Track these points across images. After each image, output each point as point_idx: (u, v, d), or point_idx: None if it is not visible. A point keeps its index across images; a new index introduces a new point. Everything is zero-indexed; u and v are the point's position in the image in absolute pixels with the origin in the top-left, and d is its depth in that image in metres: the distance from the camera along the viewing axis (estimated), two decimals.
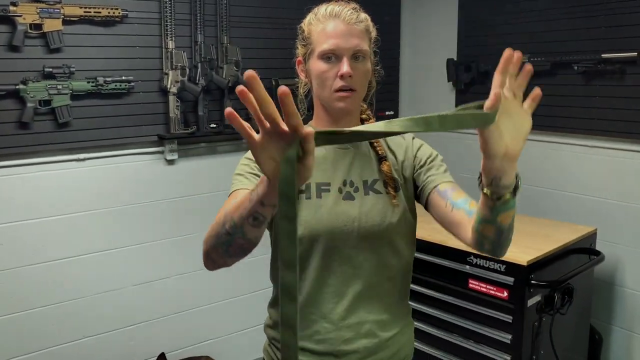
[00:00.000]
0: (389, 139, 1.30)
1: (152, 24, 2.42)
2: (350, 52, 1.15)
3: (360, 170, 1.24)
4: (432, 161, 1.26)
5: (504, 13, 2.82)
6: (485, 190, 0.94)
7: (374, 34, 1.24)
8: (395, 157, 1.27)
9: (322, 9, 1.20)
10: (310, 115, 1.30)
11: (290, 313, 0.69)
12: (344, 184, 1.22)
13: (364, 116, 1.30)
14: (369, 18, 1.22)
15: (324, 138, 0.73)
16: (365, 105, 1.31)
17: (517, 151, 0.90)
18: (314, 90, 1.23)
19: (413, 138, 1.31)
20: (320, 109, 1.25)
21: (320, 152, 1.24)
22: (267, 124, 0.70)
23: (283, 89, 0.66)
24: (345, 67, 1.14)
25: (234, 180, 1.20)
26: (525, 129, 0.91)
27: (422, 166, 1.26)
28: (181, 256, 2.67)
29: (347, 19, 1.16)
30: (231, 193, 1.16)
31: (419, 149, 1.29)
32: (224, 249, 0.96)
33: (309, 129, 0.70)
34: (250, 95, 0.67)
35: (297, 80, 1.31)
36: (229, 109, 0.71)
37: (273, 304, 1.35)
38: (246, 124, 0.71)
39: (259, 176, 1.16)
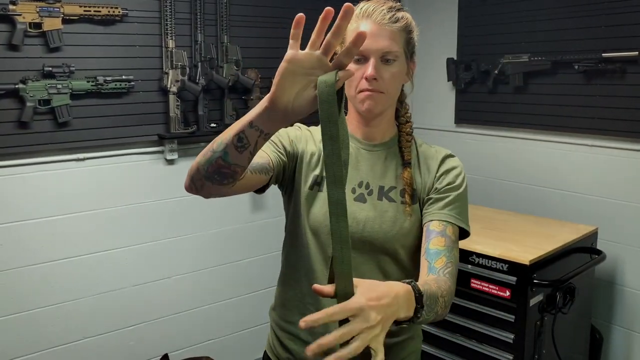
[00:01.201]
0: (421, 147, 1.27)
1: (152, 23, 2.41)
2: (379, 53, 1.12)
3: (380, 175, 1.22)
4: (448, 190, 1.19)
5: (504, 12, 2.82)
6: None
7: (415, 34, 1.19)
8: (419, 168, 1.23)
9: (358, 7, 1.17)
10: (345, 113, 1.28)
11: (341, 228, 0.75)
12: (360, 185, 1.21)
13: (402, 119, 1.26)
14: (408, 18, 1.17)
15: (340, 94, 0.79)
16: (407, 106, 1.27)
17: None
18: (345, 89, 1.21)
19: (449, 156, 1.25)
20: (352, 109, 1.23)
21: None
22: (319, 48, 0.76)
23: (363, 31, 0.74)
24: (370, 69, 1.11)
25: None
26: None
27: (437, 190, 1.20)
28: (181, 256, 2.66)
29: (378, 19, 1.12)
30: None
31: (446, 171, 1.22)
32: (205, 167, 0.95)
33: (350, 70, 0.77)
34: (331, 16, 0.73)
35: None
36: (301, 14, 0.77)
37: (280, 282, 1.33)
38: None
39: (276, 144, 1.18)
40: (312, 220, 1.20)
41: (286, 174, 1.21)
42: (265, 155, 1.14)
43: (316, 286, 0.82)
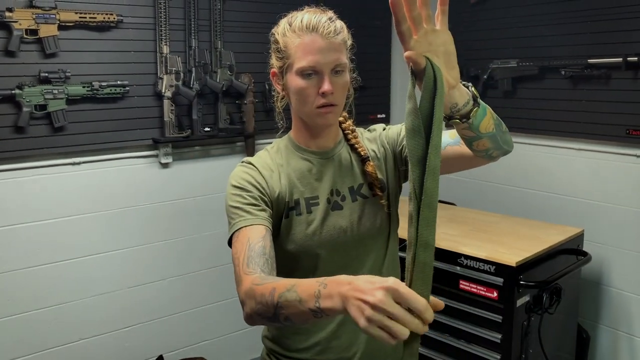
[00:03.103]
0: (365, 135, 1.32)
1: (147, 29, 2.44)
2: (330, 66, 1.12)
3: (344, 177, 1.24)
4: (402, 132, 1.26)
5: (493, 19, 2.88)
6: (451, 121, 0.95)
7: (349, 41, 1.20)
8: (375, 153, 1.28)
9: (297, 20, 1.15)
10: (289, 126, 1.29)
11: (430, 217, 0.77)
12: (331, 193, 1.22)
13: (341, 119, 1.28)
14: (344, 26, 1.18)
15: None
16: (344, 113, 1.29)
17: (456, 78, 0.86)
18: (293, 104, 1.20)
19: (384, 129, 1.32)
20: (299, 122, 1.23)
21: (304, 165, 1.23)
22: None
23: None
24: (326, 85, 1.11)
25: (233, 214, 1.15)
26: (451, 49, 0.84)
27: (397, 143, 1.27)
28: (176, 258, 2.69)
29: (325, 32, 1.11)
30: (237, 231, 1.12)
31: (387, 132, 1.30)
32: (272, 324, 0.99)
33: None
34: None
35: (273, 93, 1.28)
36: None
37: None
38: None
39: (257, 205, 1.14)
40: (292, 244, 1.20)
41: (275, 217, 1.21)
42: (264, 232, 1.11)
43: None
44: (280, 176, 1.21)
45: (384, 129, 1.32)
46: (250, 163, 1.22)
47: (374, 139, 1.30)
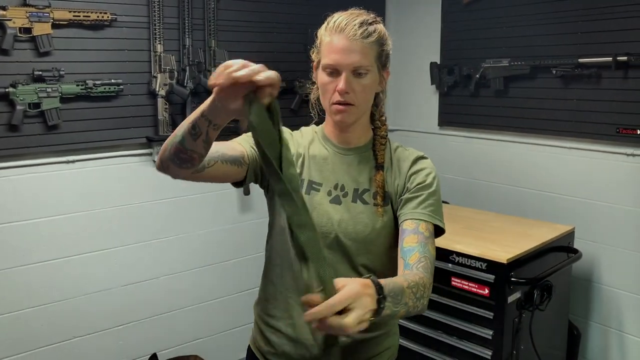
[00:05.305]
0: (399, 152, 1.31)
1: (141, 28, 2.44)
2: (350, 68, 1.16)
3: (355, 177, 1.27)
4: (419, 190, 1.24)
5: (486, 18, 2.90)
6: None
7: (388, 45, 1.23)
8: (391, 169, 1.28)
9: (333, 20, 1.21)
10: (323, 118, 1.33)
11: (292, 211, 0.88)
12: (335, 187, 1.26)
13: (377, 122, 1.31)
14: (381, 31, 1.21)
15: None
16: (382, 110, 1.31)
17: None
18: (320, 97, 1.26)
19: (420, 157, 1.30)
20: (328, 115, 1.28)
21: (322, 152, 1.29)
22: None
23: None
24: (342, 83, 1.16)
25: None
26: None
27: (408, 190, 1.25)
28: (169, 257, 2.70)
29: (350, 34, 1.16)
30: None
31: (416, 172, 1.27)
32: (168, 149, 1.04)
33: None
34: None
35: (308, 85, 1.36)
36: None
37: (263, 277, 1.37)
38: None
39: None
40: (283, 219, 1.22)
41: (264, 172, 1.24)
42: (241, 148, 1.20)
43: (304, 299, 0.88)
44: (297, 150, 1.28)
45: (412, 165, 1.28)
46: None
47: (402, 159, 1.29)
